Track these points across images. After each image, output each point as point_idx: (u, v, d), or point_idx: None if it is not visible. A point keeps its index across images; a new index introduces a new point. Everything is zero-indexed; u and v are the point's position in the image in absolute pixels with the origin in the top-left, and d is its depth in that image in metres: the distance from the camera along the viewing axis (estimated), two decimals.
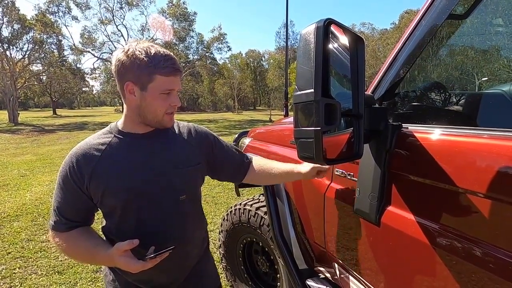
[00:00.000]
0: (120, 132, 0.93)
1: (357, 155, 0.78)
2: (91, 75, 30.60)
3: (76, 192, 0.88)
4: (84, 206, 0.91)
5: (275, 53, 48.60)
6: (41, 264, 2.63)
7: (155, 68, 0.83)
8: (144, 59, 0.82)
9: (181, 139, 1.01)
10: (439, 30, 0.80)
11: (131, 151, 0.91)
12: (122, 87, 0.87)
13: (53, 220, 0.91)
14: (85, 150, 0.89)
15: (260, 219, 1.70)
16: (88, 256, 0.91)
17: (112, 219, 0.94)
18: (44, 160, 7.42)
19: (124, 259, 0.80)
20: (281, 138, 1.70)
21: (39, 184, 5.17)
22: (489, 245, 0.62)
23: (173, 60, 0.86)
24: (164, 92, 0.86)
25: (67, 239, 0.89)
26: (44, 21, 21.59)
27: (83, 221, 0.93)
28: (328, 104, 0.61)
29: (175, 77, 0.87)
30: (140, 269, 0.80)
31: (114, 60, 0.86)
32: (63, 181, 0.89)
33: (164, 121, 0.91)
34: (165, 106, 0.88)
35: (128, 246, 0.80)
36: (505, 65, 1.04)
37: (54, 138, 12.29)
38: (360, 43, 0.73)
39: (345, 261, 1.11)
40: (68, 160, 0.90)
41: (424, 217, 0.76)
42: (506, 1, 0.94)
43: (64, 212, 0.90)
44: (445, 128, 0.75)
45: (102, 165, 0.88)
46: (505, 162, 0.58)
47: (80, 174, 0.87)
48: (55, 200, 0.91)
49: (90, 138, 0.94)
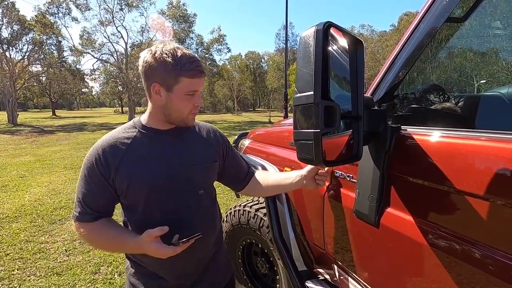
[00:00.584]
0: (144, 127, 0.97)
1: (357, 157, 0.78)
2: (91, 76, 30.57)
3: (102, 184, 0.91)
4: (108, 197, 0.94)
5: (275, 55, 48.68)
6: (39, 265, 2.62)
7: (181, 71, 0.86)
8: (171, 61, 0.85)
9: (201, 138, 1.07)
10: (437, 33, 0.80)
11: (154, 146, 0.95)
12: (149, 88, 0.90)
13: (77, 211, 0.93)
14: (111, 143, 0.92)
15: (260, 220, 1.70)
16: (115, 245, 0.94)
17: (134, 212, 0.97)
18: (43, 161, 7.41)
19: (155, 245, 0.84)
20: (280, 139, 1.70)
21: (38, 185, 5.16)
22: (488, 247, 0.62)
23: (198, 63, 0.90)
24: (189, 93, 0.91)
25: (92, 229, 0.92)
26: (43, 22, 21.59)
27: (107, 212, 0.96)
28: (328, 106, 0.62)
29: (199, 79, 0.91)
30: (170, 254, 0.85)
31: (142, 61, 0.89)
32: (88, 172, 0.92)
33: (187, 120, 0.96)
34: (189, 106, 0.93)
35: (159, 232, 0.84)
36: (503, 67, 1.05)
37: (53, 139, 12.27)
38: (359, 46, 0.73)
39: (345, 262, 1.11)
40: (94, 152, 0.92)
41: (423, 218, 0.76)
42: (504, 4, 0.95)
43: (89, 203, 0.92)
44: (443, 130, 0.76)
45: (127, 159, 0.91)
46: (503, 164, 0.59)
47: (107, 166, 0.90)
48: (80, 191, 0.93)
49: (114, 131, 0.97)
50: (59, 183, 5.33)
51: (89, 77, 31.12)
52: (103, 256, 2.76)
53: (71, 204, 4.16)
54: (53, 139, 12.11)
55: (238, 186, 1.22)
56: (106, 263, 2.65)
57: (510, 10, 0.95)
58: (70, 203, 4.23)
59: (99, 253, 2.80)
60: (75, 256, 2.79)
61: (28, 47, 22.85)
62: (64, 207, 4.07)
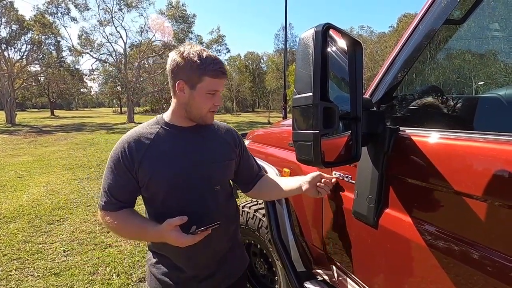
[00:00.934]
0: (166, 123, 1.04)
1: (355, 158, 0.78)
2: (90, 76, 30.51)
3: (126, 176, 0.98)
4: (131, 189, 1.00)
5: (274, 56, 48.72)
6: (37, 266, 2.61)
7: (205, 70, 0.93)
8: (197, 61, 0.93)
9: (219, 136, 1.13)
10: (436, 34, 0.81)
11: (175, 141, 1.02)
12: (174, 85, 0.97)
13: (103, 201, 0.99)
14: (135, 137, 0.99)
15: (259, 221, 1.70)
16: (138, 233, 0.99)
17: (154, 204, 1.03)
18: (42, 161, 7.38)
19: (175, 234, 0.89)
20: (279, 140, 1.71)
21: (36, 186, 5.14)
22: (486, 248, 0.62)
23: (221, 64, 0.97)
24: (210, 92, 0.97)
25: (117, 218, 0.98)
26: (42, 22, 21.53)
27: (130, 203, 1.03)
28: (327, 107, 0.62)
29: (221, 80, 0.98)
30: (189, 243, 0.89)
31: (170, 60, 0.97)
32: (114, 165, 0.98)
33: (206, 117, 1.02)
34: (209, 104, 0.99)
35: (179, 221, 0.89)
36: (501, 69, 1.05)
37: (51, 139, 12.23)
38: (358, 47, 0.74)
39: (343, 263, 1.11)
40: (120, 146, 0.99)
41: (422, 219, 0.77)
42: (502, 6, 0.95)
43: (114, 194, 0.98)
44: (442, 131, 0.76)
45: (150, 153, 0.98)
46: (501, 166, 0.59)
47: (131, 159, 0.97)
48: (106, 182, 0.99)
49: (139, 127, 1.04)
50: (58, 183, 5.31)
51: (88, 77, 31.09)
52: (101, 256, 2.75)
53: (69, 205, 4.15)
54: (51, 139, 12.07)
55: (246, 187, 1.25)
56: (105, 263, 2.64)
57: (508, 12, 0.95)
58: (68, 203, 4.22)
59: (98, 254, 2.80)
60: (73, 256, 2.78)
61: (27, 47, 22.82)
62: (62, 207, 4.06)
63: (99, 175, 5.93)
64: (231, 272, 1.18)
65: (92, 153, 8.44)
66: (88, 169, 6.48)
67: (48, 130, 16.04)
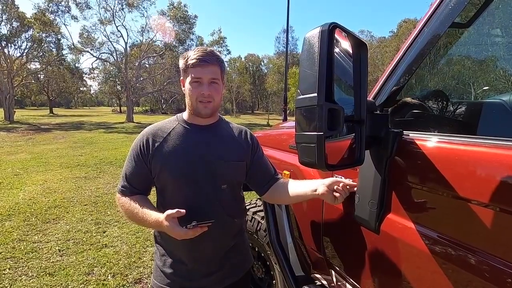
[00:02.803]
0: (184, 121, 1.12)
1: (359, 161, 0.77)
2: (90, 75, 30.44)
3: (142, 164, 1.07)
4: (145, 178, 1.09)
5: (275, 58, 48.82)
6: (32, 265, 2.58)
7: (187, 61, 1.02)
8: (185, 56, 1.04)
9: (232, 137, 1.18)
10: (441, 38, 0.80)
11: (187, 137, 1.09)
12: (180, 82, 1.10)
13: (121, 185, 1.11)
14: (154, 130, 1.10)
15: (257, 224, 1.69)
16: (142, 218, 1.03)
17: (164, 194, 1.11)
18: (39, 159, 7.34)
19: (171, 224, 0.93)
20: (279, 142, 1.69)
21: (33, 184, 5.10)
22: (490, 255, 0.61)
23: (202, 53, 1.02)
24: (194, 80, 1.02)
25: (129, 202, 1.07)
26: (43, 20, 21.48)
27: (143, 190, 1.12)
28: (332, 109, 0.60)
29: (202, 68, 1.01)
30: (182, 236, 0.93)
31: None
32: (133, 154, 1.09)
33: (198, 109, 1.06)
34: (196, 93, 1.03)
35: (176, 213, 0.93)
36: (506, 74, 1.04)
37: (50, 137, 12.17)
38: (364, 48, 0.72)
39: (343, 268, 1.10)
40: (140, 137, 1.10)
41: (425, 225, 0.75)
42: (509, 10, 0.94)
43: (131, 180, 1.09)
44: (445, 136, 0.75)
45: (164, 145, 1.06)
46: (505, 171, 0.58)
47: (147, 149, 1.06)
48: (126, 168, 1.10)
49: (160, 122, 1.15)
50: (55, 181, 5.28)
51: (88, 76, 31.03)
52: (96, 257, 2.72)
53: (66, 203, 4.12)
54: (49, 137, 12.02)
55: (260, 190, 1.23)
56: (100, 264, 2.61)
57: None
58: (65, 202, 4.18)
59: (93, 254, 2.77)
60: (68, 256, 2.74)
61: (27, 45, 22.72)
62: (59, 206, 4.03)
63: (96, 174, 5.90)
64: (234, 270, 1.20)
65: (90, 152, 8.40)
66: (86, 168, 6.44)
67: (47, 128, 15.98)
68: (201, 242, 1.04)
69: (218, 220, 1.03)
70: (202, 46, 28.12)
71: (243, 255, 1.26)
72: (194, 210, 1.01)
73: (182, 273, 1.12)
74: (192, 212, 0.97)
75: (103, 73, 31.08)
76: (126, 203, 1.07)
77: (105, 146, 9.78)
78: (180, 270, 1.12)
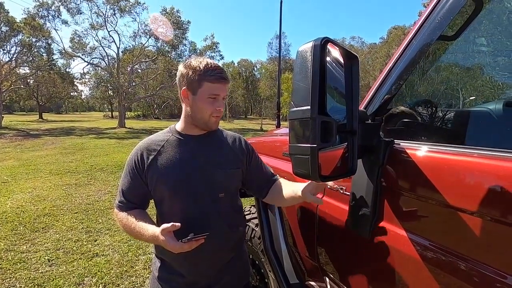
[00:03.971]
0: (177, 132, 1.12)
1: (351, 171, 0.78)
2: (81, 79, 30.04)
3: (138, 179, 1.07)
4: (142, 192, 1.09)
5: (267, 63, 49.17)
6: (20, 276, 2.51)
7: (204, 76, 1.00)
8: (197, 68, 1.00)
9: (227, 144, 1.18)
10: (430, 49, 0.82)
11: (182, 149, 1.08)
12: (180, 93, 1.06)
13: (118, 200, 1.10)
14: (148, 144, 1.09)
15: (251, 231, 1.68)
16: (139, 233, 1.02)
17: (161, 207, 1.10)
18: (28, 166, 7.18)
19: (166, 239, 0.92)
20: (273, 149, 1.70)
21: (21, 191, 4.98)
22: (482, 264, 0.62)
23: (220, 70, 1.03)
24: (211, 96, 1.02)
25: (126, 217, 1.06)
26: (33, 25, 21.20)
27: (140, 204, 1.12)
28: (324, 121, 0.61)
29: (221, 85, 1.03)
30: (178, 250, 0.91)
31: (178, 72, 1.06)
32: (129, 169, 1.09)
33: (210, 123, 1.07)
34: (211, 109, 1.03)
35: (171, 227, 0.92)
36: (493, 83, 1.08)
37: (39, 143, 11.94)
38: (355, 61, 0.74)
39: (337, 275, 1.10)
40: (135, 152, 1.09)
41: (417, 233, 0.76)
42: (496, 22, 0.98)
43: (128, 195, 1.09)
44: (435, 145, 0.77)
45: (158, 158, 1.06)
46: (491, 181, 0.60)
47: (142, 163, 1.06)
48: (122, 184, 1.10)
49: (153, 135, 1.14)
50: (44, 189, 5.17)
51: (79, 81, 30.61)
52: (87, 266, 2.67)
53: (55, 212, 4.03)
54: (39, 143, 11.79)
55: (260, 193, 1.24)
56: (91, 273, 2.56)
57: (500, 28, 0.98)
58: (54, 210, 4.09)
59: (83, 263, 2.71)
60: (58, 266, 2.68)
61: (16, 49, 22.36)
62: (48, 214, 3.94)
63: (87, 181, 5.80)
64: (234, 283, 1.20)
65: (81, 158, 8.27)
66: (76, 174, 6.33)
67: (36, 134, 15.68)
68: (200, 255, 1.03)
69: (217, 231, 1.04)
70: (196, 52, 27.79)
71: (242, 267, 1.25)
72: (192, 221, 1.01)
73: (180, 286, 1.11)
74: (190, 224, 0.97)
75: (95, 78, 30.71)
76: (123, 218, 1.06)
77: (96, 152, 9.64)
78: (178, 283, 1.11)
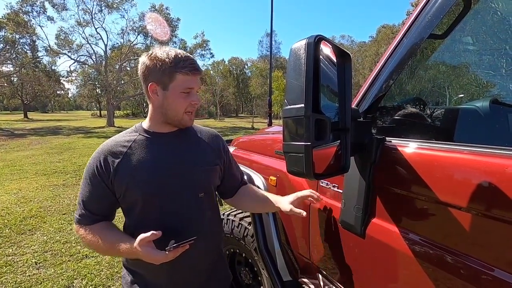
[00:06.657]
0: (145, 131, 0.99)
1: (344, 168, 0.78)
2: (67, 78, 29.32)
3: (101, 187, 0.93)
4: (107, 201, 0.96)
5: (258, 61, 49.12)
6: (6, 280, 2.44)
7: (175, 68, 0.89)
8: (166, 60, 0.88)
9: (202, 141, 1.08)
10: (421, 47, 0.83)
11: (154, 148, 0.96)
12: (146, 89, 0.93)
13: (78, 214, 0.96)
14: (111, 146, 0.95)
15: (244, 229, 1.68)
16: (110, 248, 0.91)
17: (133, 215, 0.97)
18: (13, 166, 6.97)
19: (147, 250, 0.82)
20: (265, 148, 1.70)
21: (6, 193, 4.83)
22: (472, 258, 0.64)
23: (192, 61, 0.92)
24: (184, 91, 0.92)
25: (91, 232, 0.93)
26: (16, 21, 20.54)
27: (106, 216, 0.98)
28: (318, 119, 0.61)
29: (194, 77, 0.93)
30: (162, 260, 0.83)
31: (140, 64, 0.93)
32: (89, 176, 0.94)
33: (184, 120, 0.97)
34: (185, 104, 0.94)
35: (151, 236, 0.82)
36: (480, 81, 1.10)
37: (24, 143, 11.60)
38: (348, 59, 0.75)
39: (330, 272, 1.11)
40: (96, 156, 0.95)
41: (408, 229, 0.78)
42: (487, 20, 1.00)
43: (89, 206, 0.95)
44: (425, 142, 0.78)
45: (127, 160, 0.93)
46: (480, 177, 0.61)
47: (106, 169, 0.92)
48: (82, 194, 0.96)
49: (116, 136, 1.00)
50: (30, 190, 5.03)
51: (66, 79, 29.88)
52: (77, 268, 2.61)
53: (42, 213, 3.93)
54: (24, 143, 11.46)
55: (227, 193, 1.20)
56: (81, 275, 2.51)
57: (490, 26, 1.00)
58: (41, 211, 3.99)
59: (72, 266, 2.65)
60: (46, 269, 2.62)
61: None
62: (35, 216, 3.84)
63: (75, 181, 5.68)
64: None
65: (68, 158, 8.08)
66: (64, 175, 6.19)
67: (21, 134, 15.23)
68: (181, 265, 0.94)
69: (201, 235, 0.95)
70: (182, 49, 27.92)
71: (222, 273, 1.19)
72: (171, 228, 0.91)
73: None
74: (169, 231, 0.88)
75: (82, 76, 30.00)
76: (87, 234, 0.93)
77: (84, 152, 9.43)
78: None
